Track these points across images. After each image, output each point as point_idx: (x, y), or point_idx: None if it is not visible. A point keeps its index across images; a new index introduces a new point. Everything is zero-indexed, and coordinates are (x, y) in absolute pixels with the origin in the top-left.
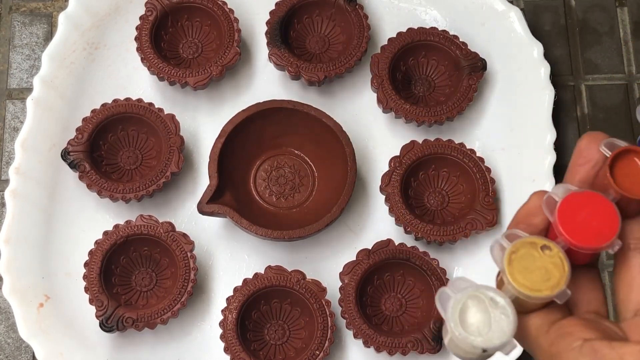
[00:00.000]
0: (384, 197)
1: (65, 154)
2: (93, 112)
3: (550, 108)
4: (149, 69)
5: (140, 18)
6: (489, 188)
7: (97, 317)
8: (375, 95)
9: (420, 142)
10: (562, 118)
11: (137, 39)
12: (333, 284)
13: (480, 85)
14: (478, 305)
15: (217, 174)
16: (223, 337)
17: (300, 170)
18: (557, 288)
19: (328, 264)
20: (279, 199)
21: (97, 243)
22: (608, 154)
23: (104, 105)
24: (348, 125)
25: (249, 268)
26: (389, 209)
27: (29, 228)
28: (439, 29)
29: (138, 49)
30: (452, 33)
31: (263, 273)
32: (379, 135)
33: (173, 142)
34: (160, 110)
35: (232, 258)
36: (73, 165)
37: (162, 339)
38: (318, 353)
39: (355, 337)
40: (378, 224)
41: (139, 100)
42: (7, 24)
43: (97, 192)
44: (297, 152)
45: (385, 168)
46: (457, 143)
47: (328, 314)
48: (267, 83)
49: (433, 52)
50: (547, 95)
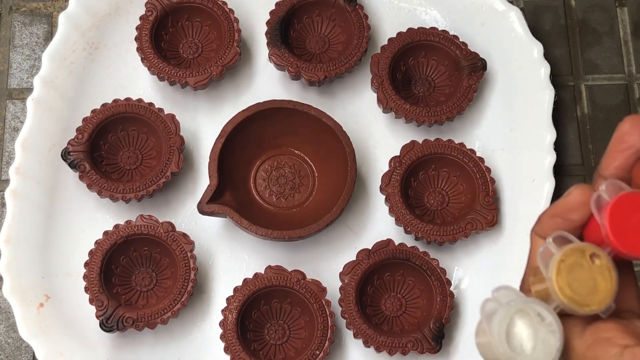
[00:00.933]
0: (384, 197)
1: (66, 154)
2: (93, 112)
3: (550, 108)
4: (149, 69)
5: (141, 18)
6: (489, 188)
7: (97, 317)
8: (375, 95)
9: (420, 142)
10: (562, 118)
11: (137, 39)
12: (333, 284)
13: (480, 85)
14: (524, 320)
15: (217, 174)
16: (223, 337)
17: (300, 170)
18: (604, 303)
19: (328, 264)
20: (279, 199)
21: (97, 243)
22: None
23: (104, 105)
24: (348, 125)
25: (249, 268)
26: (389, 209)
27: (29, 228)
28: (439, 29)
29: (138, 49)
30: (452, 33)
31: (263, 273)
32: (379, 135)
33: (173, 142)
34: (160, 110)
35: (232, 258)
36: (73, 165)
37: (162, 339)
38: (318, 353)
39: (355, 337)
40: (378, 224)
41: (139, 100)
42: (7, 24)
43: (97, 192)
44: (297, 152)
45: (385, 168)
46: (457, 143)
47: (328, 314)
48: (267, 83)
49: (433, 52)
50: (547, 95)
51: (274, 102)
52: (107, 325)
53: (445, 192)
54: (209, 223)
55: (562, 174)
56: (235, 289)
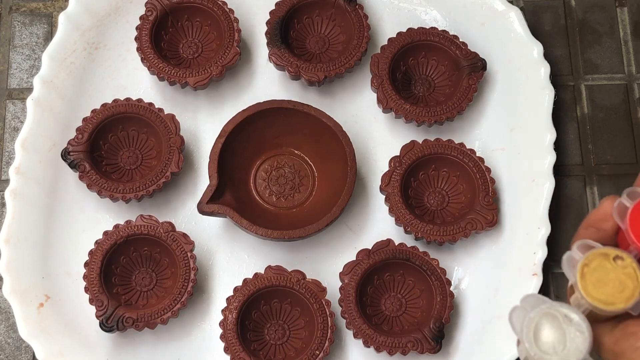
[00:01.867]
0: (384, 197)
1: (66, 154)
2: (93, 112)
3: (550, 108)
4: (149, 69)
5: (140, 18)
6: (489, 188)
7: (97, 317)
8: (375, 95)
9: (420, 142)
10: (562, 118)
11: (137, 39)
12: (333, 284)
13: (480, 85)
14: (552, 323)
15: (217, 174)
16: (223, 337)
17: (300, 170)
18: (631, 300)
19: (328, 264)
20: (279, 199)
21: (97, 243)
22: None
23: (104, 105)
24: (348, 125)
25: (249, 268)
26: (389, 209)
27: (29, 228)
28: (439, 29)
29: (138, 49)
30: (452, 33)
31: (263, 273)
32: (379, 135)
33: (173, 142)
34: (160, 110)
35: (232, 258)
36: (73, 165)
37: (162, 339)
38: (318, 353)
39: (355, 337)
40: (378, 224)
41: (139, 100)
42: (7, 24)
43: (97, 192)
44: (297, 152)
45: (385, 168)
46: (457, 143)
47: (328, 314)
48: (267, 83)
49: (433, 52)
50: (547, 95)
51: (274, 102)
52: (107, 325)
53: (445, 192)
54: (209, 223)
55: (562, 174)
56: (235, 289)
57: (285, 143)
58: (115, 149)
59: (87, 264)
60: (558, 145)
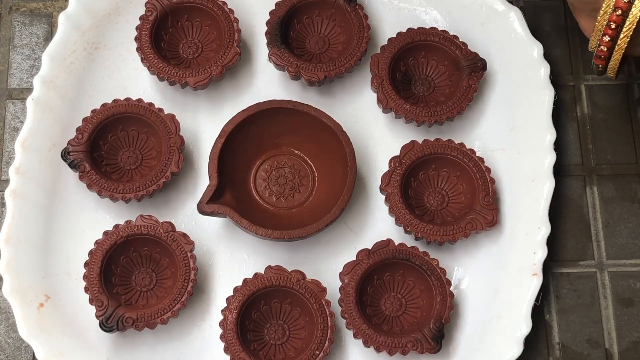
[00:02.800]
0: (384, 197)
1: (66, 154)
2: (93, 112)
3: (550, 108)
4: (149, 69)
5: (140, 18)
6: (489, 188)
7: (97, 317)
8: (375, 95)
9: (420, 142)
10: (562, 118)
11: (137, 39)
12: (333, 284)
13: (480, 85)
14: None
15: (217, 174)
16: (223, 337)
17: (300, 170)
18: None
19: (328, 264)
20: (279, 199)
21: (97, 243)
22: None
23: (104, 105)
24: (348, 125)
25: (249, 268)
26: (389, 209)
27: (29, 228)
28: (439, 29)
29: (138, 49)
30: (452, 33)
31: (263, 273)
32: (379, 135)
33: (173, 142)
34: (160, 110)
35: (232, 258)
36: (73, 165)
37: (162, 339)
38: (318, 353)
39: (355, 337)
40: (378, 224)
41: (139, 100)
42: (7, 24)
43: (97, 192)
44: (297, 152)
45: (385, 168)
46: (457, 143)
47: (328, 314)
48: (267, 83)
49: (433, 52)
50: (547, 95)
51: (274, 102)
52: (107, 325)
53: (445, 192)
54: (209, 223)
55: (562, 174)
56: (235, 289)
57: (285, 143)
58: (115, 149)
59: (87, 264)
60: (558, 145)
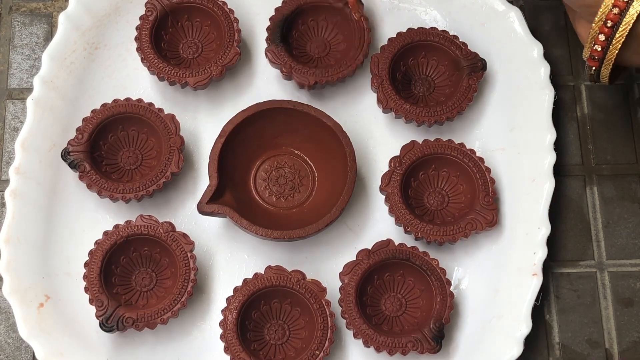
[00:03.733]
0: (384, 197)
1: (66, 154)
2: (93, 112)
3: (550, 108)
4: (149, 69)
5: (140, 18)
6: (489, 188)
7: (97, 317)
8: (375, 95)
9: (420, 142)
10: (562, 118)
11: (137, 39)
12: (333, 284)
13: (480, 85)
14: None
15: (217, 174)
16: (223, 337)
17: (300, 170)
18: None
19: (328, 264)
20: (279, 199)
21: (97, 243)
22: None
23: (104, 105)
24: (348, 125)
25: (249, 268)
26: (389, 209)
27: (29, 228)
28: (439, 29)
29: (138, 49)
30: (452, 33)
31: (263, 273)
32: (379, 135)
33: (173, 142)
34: (160, 111)
35: (232, 258)
36: (73, 165)
37: (162, 339)
38: (318, 353)
39: (355, 337)
40: (378, 224)
41: (139, 100)
42: (7, 24)
43: (97, 192)
44: (297, 152)
45: (385, 168)
46: (457, 143)
47: (328, 314)
48: (267, 83)
49: (433, 52)
50: (547, 95)
51: (274, 102)
52: (107, 325)
53: (445, 192)
54: (209, 223)
55: (562, 174)
56: (235, 289)
57: (285, 143)
58: (115, 149)
59: (87, 264)
60: (558, 145)
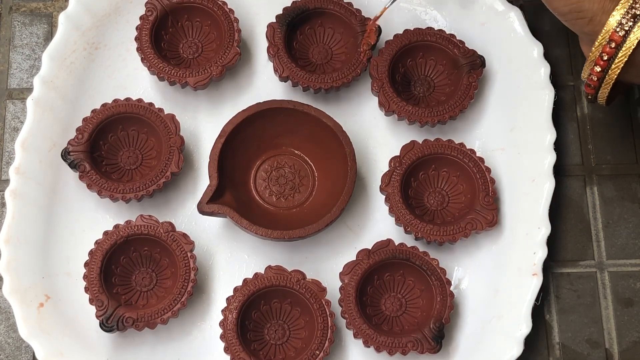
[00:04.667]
0: (384, 197)
1: (66, 154)
2: (93, 112)
3: (550, 108)
4: (149, 69)
5: (140, 18)
6: (489, 188)
7: (97, 317)
8: (375, 96)
9: (420, 142)
10: (562, 118)
11: (137, 39)
12: (333, 284)
13: (481, 85)
14: None
15: (217, 174)
16: (223, 337)
17: (300, 170)
18: None
19: (328, 264)
20: (279, 199)
21: (97, 243)
22: None
23: (104, 105)
24: (348, 125)
25: (249, 268)
26: (389, 209)
27: (29, 228)
28: (436, 29)
29: (138, 49)
30: (451, 33)
31: (263, 273)
32: (379, 135)
33: (173, 142)
34: (160, 110)
35: (232, 258)
36: (73, 165)
37: (162, 339)
38: (318, 353)
39: (355, 337)
40: (378, 224)
41: (139, 100)
42: (7, 24)
43: (97, 192)
44: (297, 152)
45: (385, 168)
46: (457, 143)
47: (328, 314)
48: (267, 83)
49: (431, 52)
50: (547, 95)
51: (274, 102)
52: (107, 325)
53: (445, 192)
54: (209, 223)
55: (562, 174)
56: (235, 289)
57: (285, 143)
58: (115, 149)
59: (87, 264)
60: (558, 145)
